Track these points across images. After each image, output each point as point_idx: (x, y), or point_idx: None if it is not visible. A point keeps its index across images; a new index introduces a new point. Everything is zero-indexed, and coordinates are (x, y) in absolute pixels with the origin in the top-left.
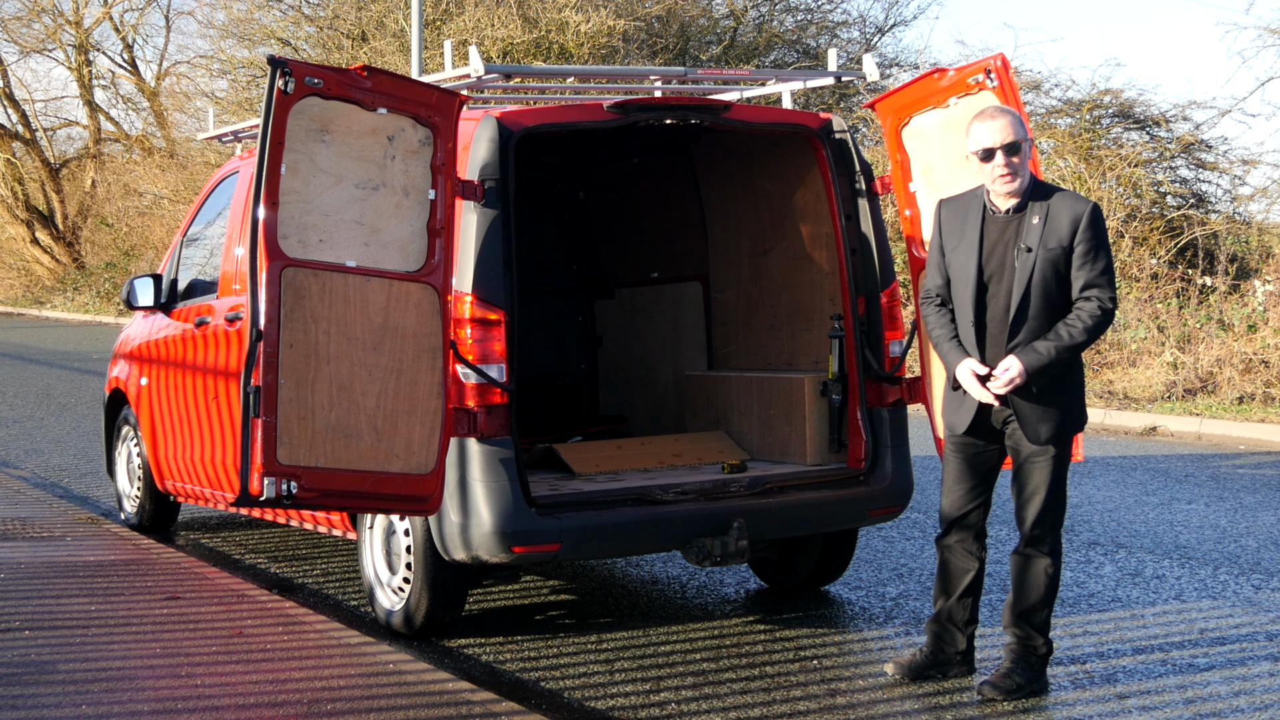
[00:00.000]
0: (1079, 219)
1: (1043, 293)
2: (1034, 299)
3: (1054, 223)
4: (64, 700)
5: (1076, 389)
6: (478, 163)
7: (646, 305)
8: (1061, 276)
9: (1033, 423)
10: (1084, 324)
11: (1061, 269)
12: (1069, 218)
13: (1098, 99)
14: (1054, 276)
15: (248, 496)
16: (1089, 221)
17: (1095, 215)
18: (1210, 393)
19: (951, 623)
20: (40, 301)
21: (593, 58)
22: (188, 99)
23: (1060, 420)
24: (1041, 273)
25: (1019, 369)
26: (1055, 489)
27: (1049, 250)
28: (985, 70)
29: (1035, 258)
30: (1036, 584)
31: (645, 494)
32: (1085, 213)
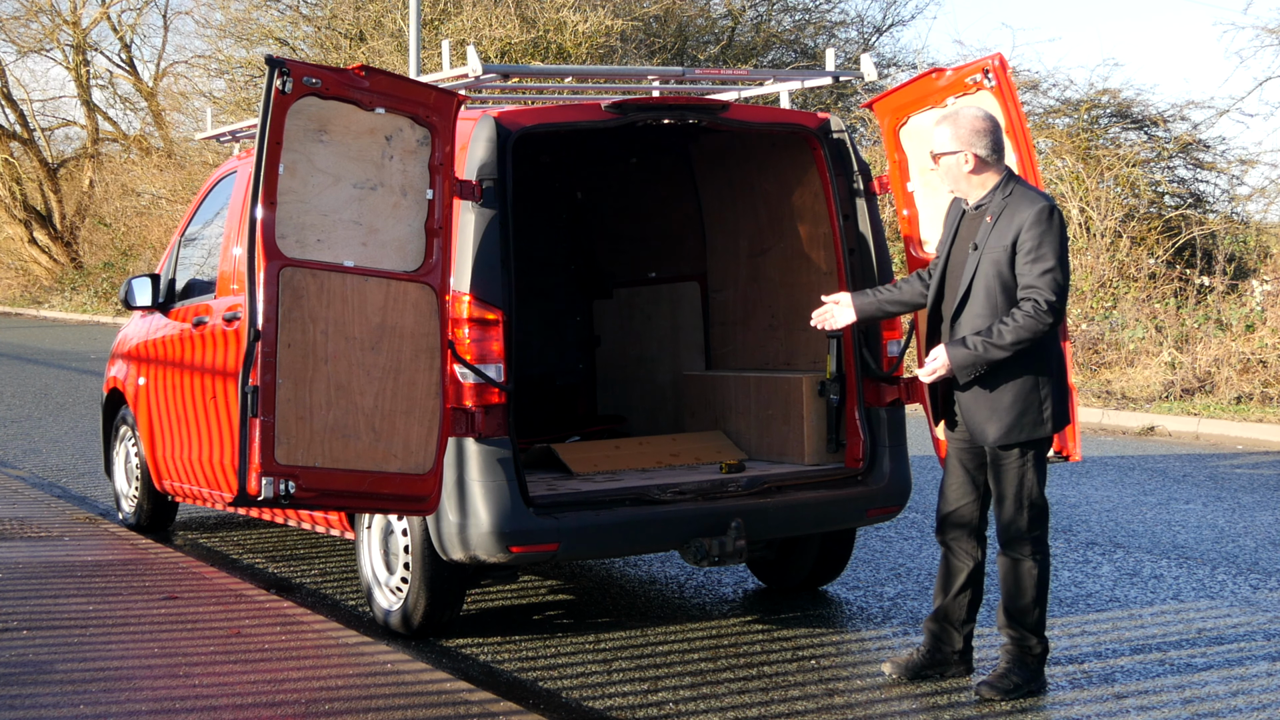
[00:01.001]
0: (1023, 221)
1: (984, 291)
2: (975, 297)
3: (1002, 223)
4: (62, 700)
5: (1029, 393)
6: (476, 162)
7: (644, 305)
8: (1006, 278)
9: (977, 421)
10: (1014, 322)
11: (1005, 270)
12: (1016, 219)
13: (1095, 99)
14: (997, 276)
15: (246, 496)
16: (1031, 222)
17: (1039, 216)
18: (1208, 392)
19: (948, 621)
20: (38, 301)
21: (590, 57)
22: (185, 99)
23: (1011, 424)
24: (984, 272)
25: (944, 360)
26: (1022, 492)
27: (992, 250)
28: (983, 70)
29: (979, 256)
30: (1022, 586)
31: (643, 494)
32: (1030, 214)
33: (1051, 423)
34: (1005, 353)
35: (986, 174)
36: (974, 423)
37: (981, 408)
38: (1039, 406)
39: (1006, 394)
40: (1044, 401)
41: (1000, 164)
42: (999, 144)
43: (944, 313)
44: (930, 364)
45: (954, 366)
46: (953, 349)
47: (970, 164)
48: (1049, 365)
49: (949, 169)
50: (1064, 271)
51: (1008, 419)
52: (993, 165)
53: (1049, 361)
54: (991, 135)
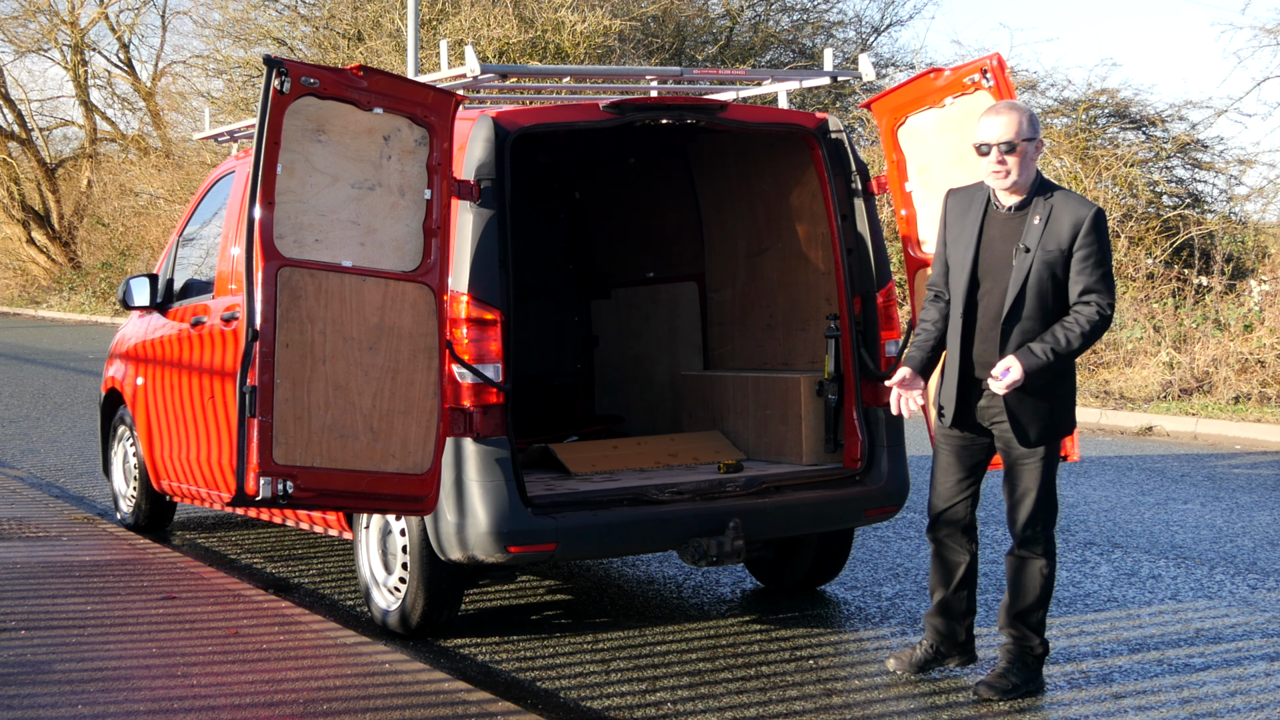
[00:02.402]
0: (1080, 223)
1: (1038, 294)
2: (1029, 300)
3: (1055, 225)
4: (60, 700)
5: (1068, 393)
6: (474, 162)
7: (642, 305)
8: (1058, 279)
9: (1024, 424)
10: (1081, 329)
11: (1059, 272)
12: (1071, 221)
13: (1093, 99)
14: (1050, 279)
15: (244, 496)
16: (1091, 226)
17: (1098, 220)
18: (1206, 392)
19: (949, 615)
20: (36, 301)
21: (589, 57)
22: (183, 99)
23: (1049, 423)
24: (1038, 274)
25: (1020, 371)
26: (1045, 490)
27: (1047, 252)
28: (981, 70)
29: (1033, 258)
30: (1032, 585)
31: (641, 494)
32: (1088, 217)
33: (1074, 422)
34: (1069, 358)
35: (1033, 170)
36: (1019, 424)
37: (1027, 409)
38: (1070, 407)
39: (1051, 396)
40: (1073, 399)
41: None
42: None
43: (982, 315)
44: (1006, 376)
45: (1028, 376)
46: (1025, 358)
47: (1037, 151)
48: (1073, 366)
49: (1027, 155)
50: (1113, 277)
51: (1048, 419)
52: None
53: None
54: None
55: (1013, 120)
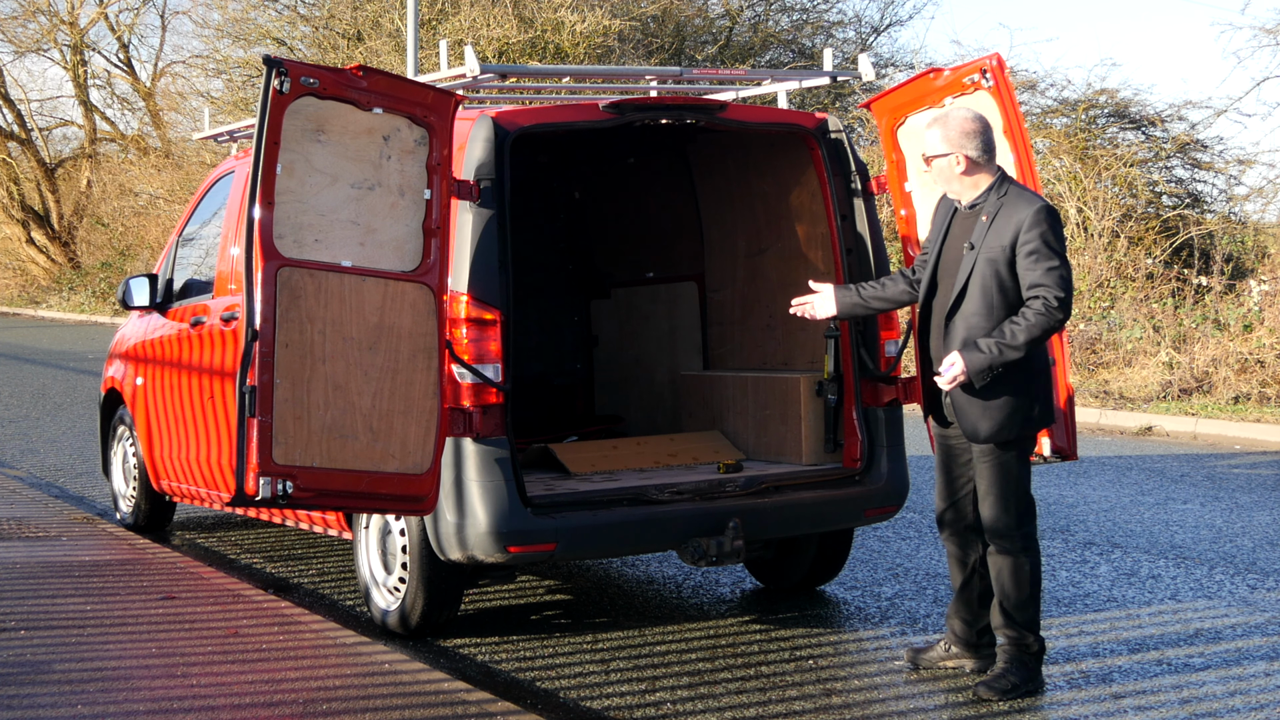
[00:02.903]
0: (1023, 220)
1: (981, 291)
2: (972, 296)
3: (1000, 223)
4: (59, 700)
5: (1027, 391)
6: (473, 162)
7: (642, 305)
8: (1003, 277)
9: (970, 419)
10: (1027, 323)
11: (1003, 270)
12: (1015, 219)
13: (1093, 99)
14: (994, 276)
15: (243, 496)
16: (1030, 223)
17: (1039, 216)
18: (1206, 393)
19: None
20: (36, 301)
21: (588, 57)
22: (183, 99)
23: (1003, 420)
24: (981, 271)
25: (962, 366)
26: (1007, 489)
27: (990, 249)
28: (980, 70)
29: (976, 255)
30: (1011, 583)
31: (641, 494)
32: (1028, 214)
33: (1038, 422)
34: (1020, 353)
35: (979, 175)
36: (966, 420)
37: (975, 405)
38: (1029, 404)
39: (999, 392)
40: (1034, 400)
41: (992, 164)
42: (990, 144)
43: (935, 310)
44: (949, 371)
45: (971, 371)
46: (968, 354)
47: (962, 165)
48: (1039, 364)
49: (941, 171)
50: (1066, 269)
51: (999, 416)
52: (985, 166)
53: (1039, 360)
54: (981, 136)
55: (933, 134)
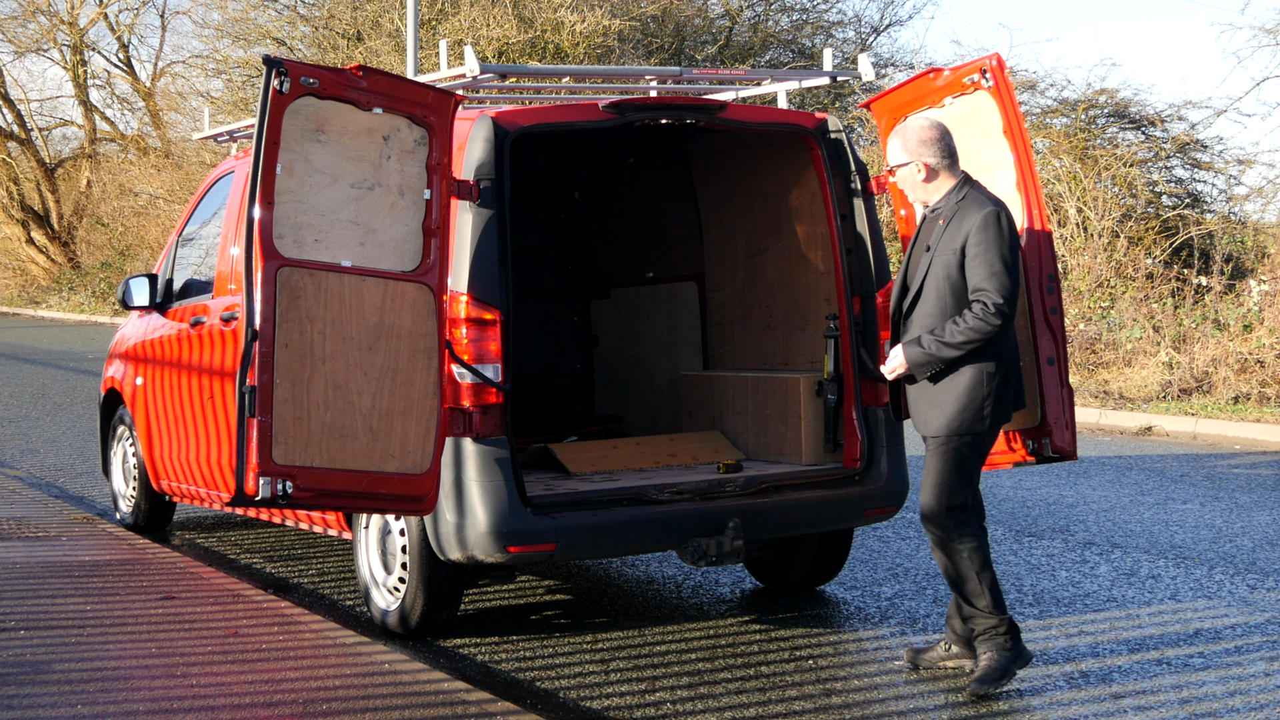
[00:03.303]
0: (972, 225)
1: (935, 292)
2: (926, 296)
3: (953, 227)
4: (59, 700)
5: (976, 389)
6: (473, 162)
7: (642, 305)
8: (955, 280)
9: (920, 411)
10: (965, 324)
11: (954, 273)
12: (965, 223)
13: (1093, 99)
14: (946, 279)
15: (243, 496)
16: (979, 226)
17: (985, 220)
18: (1206, 393)
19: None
20: (35, 301)
21: (588, 57)
22: (183, 99)
23: (950, 416)
24: (934, 273)
25: (901, 359)
26: (944, 479)
27: (942, 253)
28: (980, 70)
29: (931, 258)
30: (955, 571)
31: (641, 494)
32: (978, 219)
33: (990, 420)
34: (956, 351)
35: (940, 180)
36: (917, 413)
37: (924, 399)
38: (980, 404)
39: (950, 389)
40: (986, 400)
41: (954, 169)
42: (949, 150)
43: (901, 310)
44: (890, 362)
45: (910, 365)
46: (908, 348)
47: (922, 173)
48: (995, 364)
49: (904, 179)
50: (1011, 274)
51: (949, 412)
52: (945, 171)
53: (996, 360)
54: (939, 142)
55: (891, 145)
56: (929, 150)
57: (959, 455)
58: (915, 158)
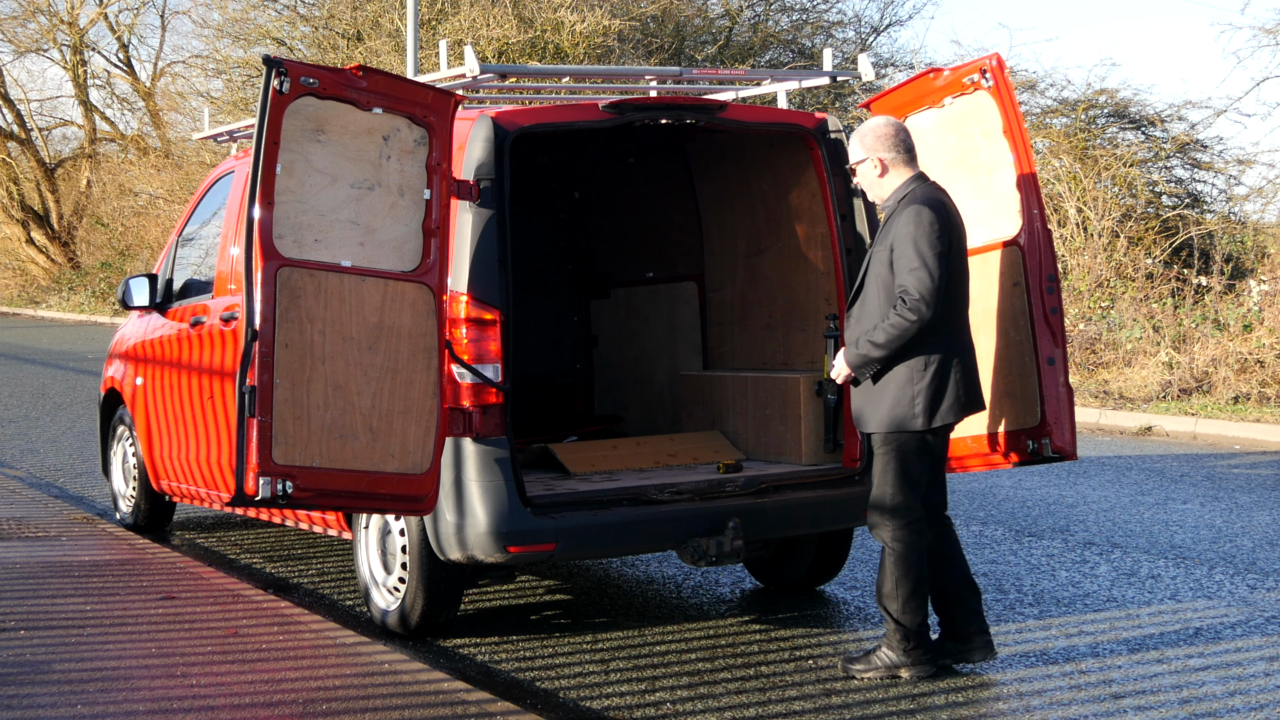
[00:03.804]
0: (902, 224)
1: (874, 288)
2: (868, 293)
3: (890, 224)
4: (59, 700)
5: (909, 387)
6: (473, 162)
7: (642, 305)
8: (888, 278)
9: (858, 409)
10: (889, 321)
11: (886, 270)
12: (898, 221)
13: (1093, 99)
14: (881, 276)
15: (243, 496)
16: (902, 221)
17: (909, 217)
18: (1205, 393)
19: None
20: (35, 301)
21: (588, 57)
22: (183, 99)
23: (883, 415)
24: (874, 271)
25: (843, 364)
26: (887, 480)
27: (880, 251)
28: (980, 70)
29: (871, 255)
30: (881, 570)
31: (640, 494)
32: (903, 216)
33: (923, 418)
34: (883, 351)
35: (892, 176)
36: (858, 412)
37: (862, 398)
38: (910, 401)
39: (882, 387)
40: (916, 397)
41: (908, 166)
42: (904, 146)
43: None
44: (836, 368)
45: (850, 368)
46: (847, 352)
47: (878, 169)
48: (926, 361)
49: (863, 176)
50: (929, 271)
51: (881, 410)
52: (897, 167)
53: (928, 357)
54: (894, 138)
55: (851, 145)
56: (883, 145)
57: (899, 454)
58: (871, 154)
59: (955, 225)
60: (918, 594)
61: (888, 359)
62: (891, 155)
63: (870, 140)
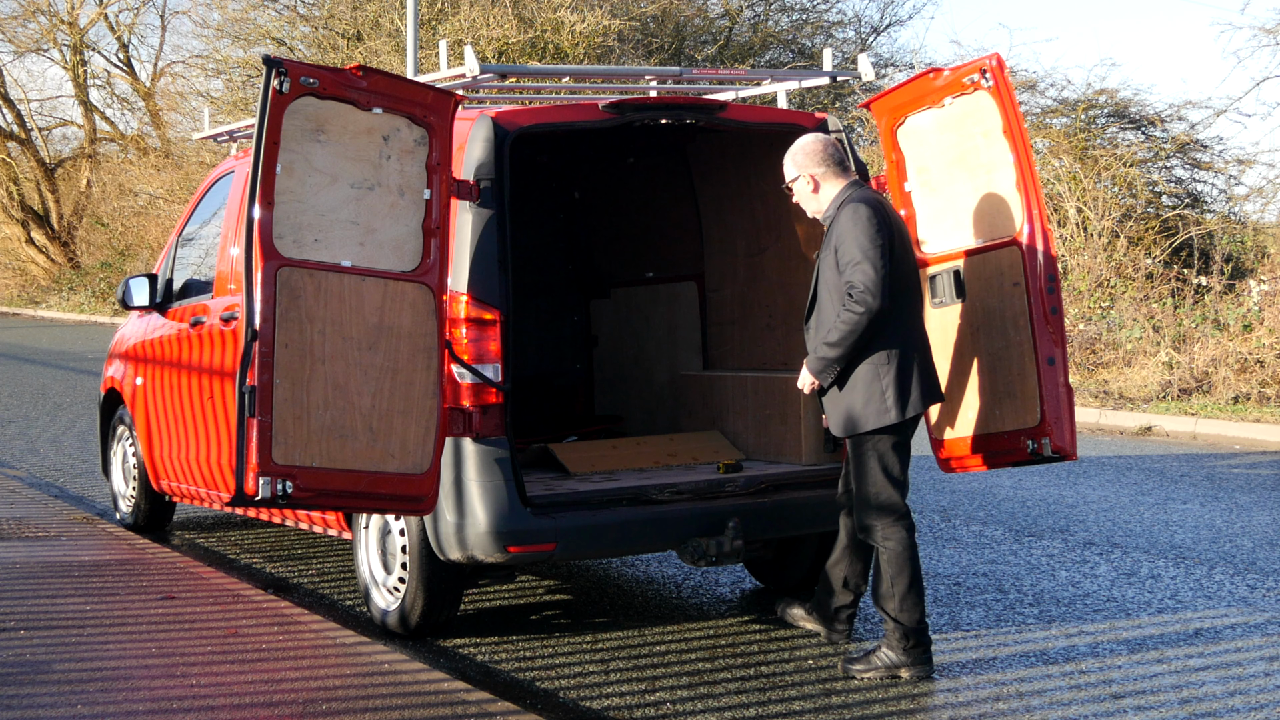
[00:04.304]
0: (840, 225)
1: (826, 294)
2: (821, 300)
3: (830, 230)
4: (59, 700)
5: (875, 384)
6: (473, 162)
7: (642, 305)
8: (835, 281)
9: (831, 415)
10: (840, 318)
11: (833, 274)
12: (837, 225)
13: (1093, 99)
14: (829, 281)
15: (243, 496)
16: (838, 221)
17: (843, 216)
18: (1205, 393)
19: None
20: (35, 301)
21: (588, 57)
22: (183, 99)
23: (856, 415)
24: (823, 275)
25: (805, 374)
26: (866, 482)
27: (825, 258)
28: (980, 70)
29: (819, 261)
30: (876, 571)
31: (640, 494)
32: (838, 217)
33: (895, 410)
34: (839, 349)
35: (825, 190)
36: (831, 418)
37: (832, 404)
38: (880, 396)
39: (850, 388)
40: (885, 391)
41: (841, 177)
42: (835, 159)
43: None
44: (801, 380)
45: (814, 375)
46: (809, 361)
47: (811, 184)
48: (889, 355)
49: (799, 194)
50: (872, 263)
51: (854, 410)
52: (829, 180)
53: (889, 351)
54: (823, 153)
55: (785, 165)
56: (813, 161)
57: (876, 454)
58: (803, 170)
59: (894, 221)
60: (913, 590)
61: (846, 358)
62: (822, 169)
63: (801, 158)
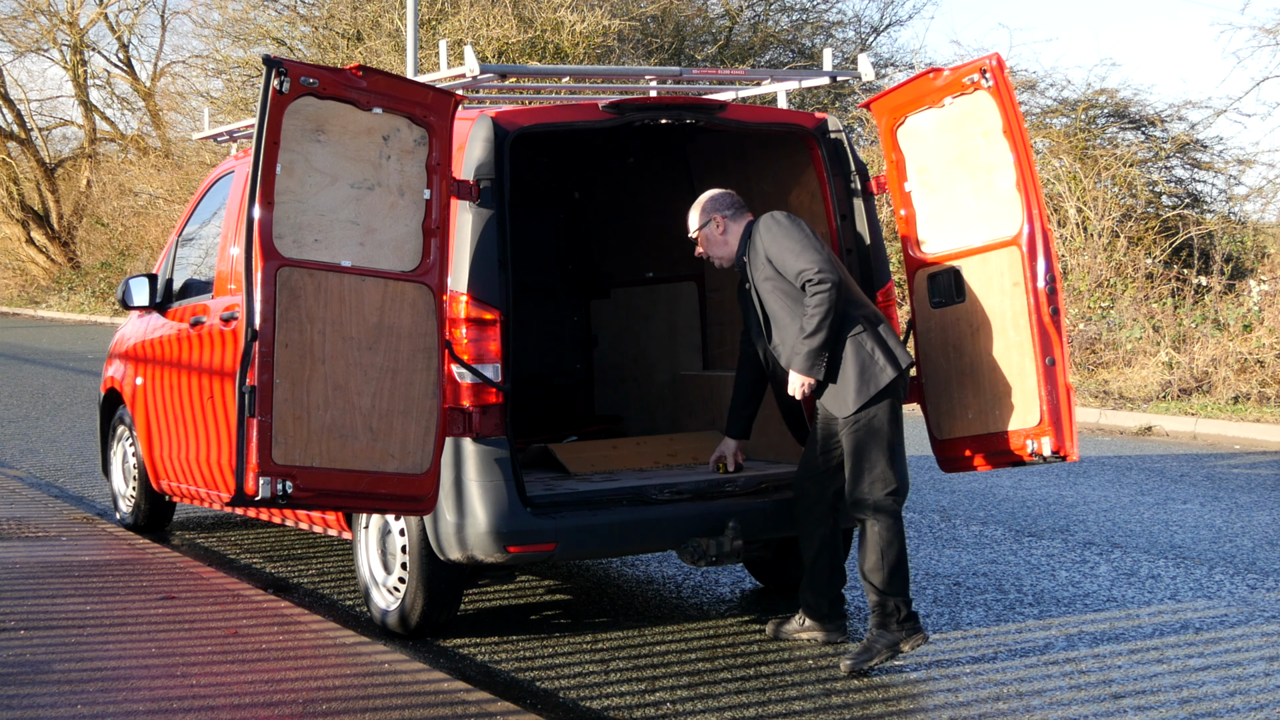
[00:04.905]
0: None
1: (778, 311)
2: (776, 320)
3: (750, 255)
4: (59, 700)
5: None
6: (473, 162)
7: (642, 305)
8: (783, 289)
9: (836, 401)
10: (809, 309)
11: (778, 284)
12: (757, 246)
13: (1093, 99)
14: (774, 293)
15: (243, 496)
16: (756, 237)
17: (761, 229)
18: (1205, 392)
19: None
20: (35, 301)
21: (588, 57)
22: (183, 99)
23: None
24: (768, 300)
25: (798, 377)
26: (860, 457)
27: (761, 281)
28: (980, 70)
29: (754, 290)
30: (868, 547)
31: (640, 494)
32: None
33: (890, 366)
34: (822, 333)
35: (732, 230)
36: (834, 404)
37: (830, 395)
38: (872, 360)
39: (842, 370)
40: (874, 352)
41: (741, 216)
42: (735, 204)
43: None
44: (790, 386)
45: (803, 374)
46: (794, 364)
47: (720, 227)
48: (860, 328)
49: (708, 240)
50: (810, 247)
51: (855, 385)
52: (733, 220)
53: (857, 326)
54: (724, 198)
55: (689, 216)
56: (717, 206)
57: (871, 429)
58: (710, 215)
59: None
60: (901, 564)
61: (830, 342)
62: (729, 212)
63: (707, 204)
